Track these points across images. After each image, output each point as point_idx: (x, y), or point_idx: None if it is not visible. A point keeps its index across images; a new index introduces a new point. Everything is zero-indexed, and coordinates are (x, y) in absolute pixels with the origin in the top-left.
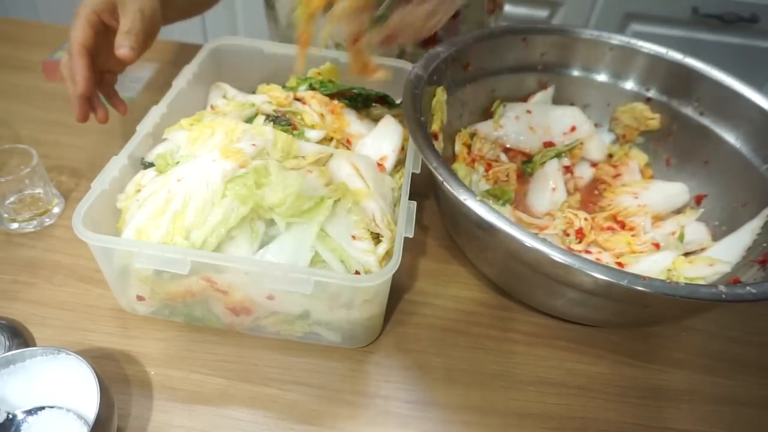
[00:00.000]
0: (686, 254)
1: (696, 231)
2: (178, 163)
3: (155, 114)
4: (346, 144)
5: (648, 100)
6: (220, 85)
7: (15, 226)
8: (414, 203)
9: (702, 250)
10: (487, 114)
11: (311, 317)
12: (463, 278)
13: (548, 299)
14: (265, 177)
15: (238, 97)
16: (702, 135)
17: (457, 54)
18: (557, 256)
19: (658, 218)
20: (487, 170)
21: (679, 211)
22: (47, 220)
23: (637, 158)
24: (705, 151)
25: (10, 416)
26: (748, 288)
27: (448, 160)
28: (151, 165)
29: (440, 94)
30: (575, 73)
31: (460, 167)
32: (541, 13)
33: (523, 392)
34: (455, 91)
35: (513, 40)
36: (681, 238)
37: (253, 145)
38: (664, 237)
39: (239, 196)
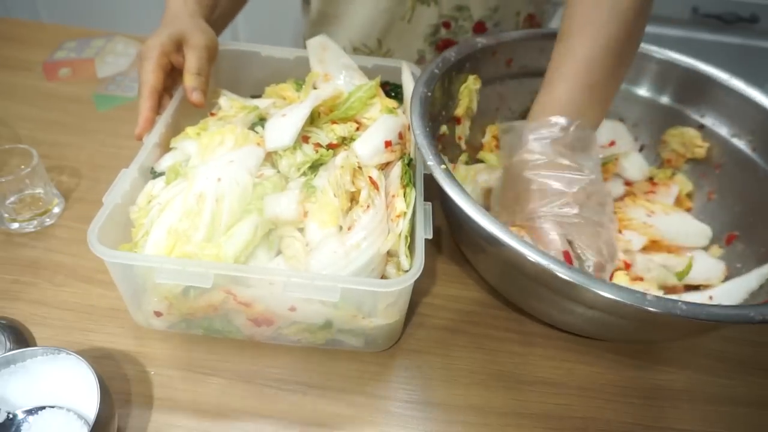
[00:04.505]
0: (686, 286)
1: (712, 268)
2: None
3: (161, 123)
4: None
5: (701, 128)
6: (218, 90)
7: (15, 226)
8: (429, 204)
9: (706, 287)
10: (525, 115)
11: (334, 326)
12: (463, 278)
13: (547, 308)
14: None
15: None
16: (751, 172)
17: (498, 47)
18: (560, 272)
19: (661, 246)
20: None
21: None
22: (48, 220)
23: (682, 185)
24: (751, 190)
25: (11, 416)
26: None
27: (475, 147)
28: (160, 174)
29: (472, 82)
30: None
31: (486, 156)
32: None
33: (523, 392)
34: (493, 83)
35: None
36: (686, 270)
37: None
38: (656, 266)
39: (259, 209)
